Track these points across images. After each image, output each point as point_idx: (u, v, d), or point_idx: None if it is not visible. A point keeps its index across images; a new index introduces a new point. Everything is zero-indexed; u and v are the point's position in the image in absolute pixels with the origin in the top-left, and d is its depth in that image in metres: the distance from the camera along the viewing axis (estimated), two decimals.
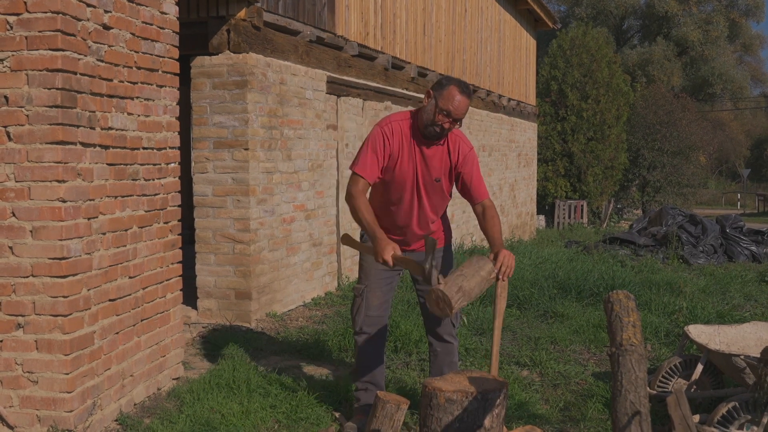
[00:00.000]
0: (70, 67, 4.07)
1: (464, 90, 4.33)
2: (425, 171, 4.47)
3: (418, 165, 4.45)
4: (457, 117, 4.31)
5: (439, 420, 3.50)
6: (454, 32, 13.09)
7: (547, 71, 23.06)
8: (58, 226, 4.06)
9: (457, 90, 4.30)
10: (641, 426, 2.70)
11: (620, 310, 3.11)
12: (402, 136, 4.44)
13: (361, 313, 4.63)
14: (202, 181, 7.08)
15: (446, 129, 4.34)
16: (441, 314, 3.87)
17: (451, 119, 4.31)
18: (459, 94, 4.29)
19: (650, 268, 10.88)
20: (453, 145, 4.49)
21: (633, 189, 27.71)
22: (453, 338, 4.77)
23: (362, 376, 4.70)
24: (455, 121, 4.34)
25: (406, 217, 4.57)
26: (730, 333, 5.02)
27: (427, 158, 4.46)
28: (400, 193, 4.52)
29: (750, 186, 50.36)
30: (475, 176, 4.52)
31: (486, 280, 3.97)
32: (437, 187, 4.52)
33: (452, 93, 4.28)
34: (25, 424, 4.18)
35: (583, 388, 5.44)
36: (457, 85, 4.32)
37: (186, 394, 4.99)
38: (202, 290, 7.15)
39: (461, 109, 4.30)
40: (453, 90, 4.29)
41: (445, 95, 4.29)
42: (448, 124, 4.32)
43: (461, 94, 4.30)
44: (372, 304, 4.62)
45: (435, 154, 4.46)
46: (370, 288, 4.62)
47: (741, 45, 46.51)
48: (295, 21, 7.76)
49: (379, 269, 4.59)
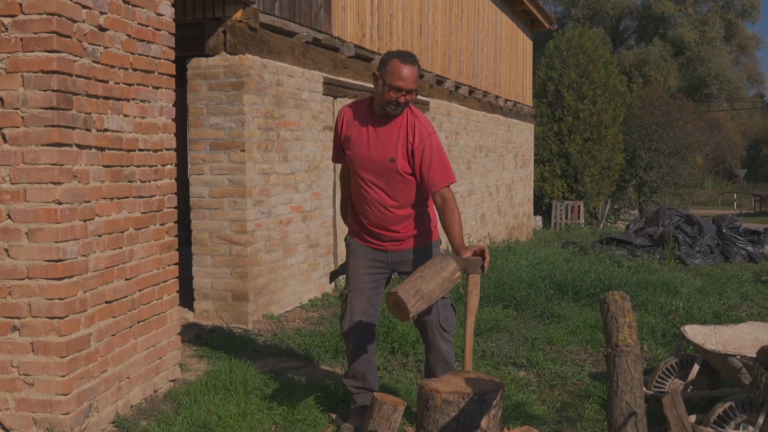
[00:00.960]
0: (65, 69, 4.07)
1: (406, 59, 4.24)
2: (378, 150, 4.35)
3: (371, 144, 4.37)
4: (408, 88, 4.21)
5: (435, 421, 3.50)
6: (451, 33, 13.09)
7: (543, 72, 23.08)
8: (54, 228, 4.05)
9: (400, 62, 4.22)
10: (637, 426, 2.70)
11: (616, 311, 3.11)
12: (352, 117, 4.45)
13: (346, 318, 4.58)
14: (199, 182, 7.08)
15: (402, 104, 4.25)
16: (400, 318, 3.81)
17: (405, 92, 4.21)
18: (403, 65, 4.20)
19: (647, 268, 10.89)
20: (410, 127, 4.35)
21: (630, 189, 27.73)
22: (445, 342, 4.59)
23: (354, 380, 4.68)
24: (409, 93, 4.23)
25: (369, 206, 4.46)
26: (727, 333, 5.03)
27: (380, 136, 4.36)
28: (357, 177, 4.46)
29: (746, 186, 50.40)
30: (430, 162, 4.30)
31: (449, 280, 3.88)
32: (393, 168, 4.33)
33: (395, 66, 4.21)
34: (22, 427, 4.17)
35: (580, 389, 5.44)
36: (398, 57, 4.24)
37: (183, 396, 4.98)
38: (198, 292, 7.14)
39: (410, 79, 4.21)
40: (396, 63, 4.21)
41: (390, 71, 4.22)
42: (403, 98, 4.23)
43: (405, 64, 4.21)
44: (355, 309, 4.56)
45: (390, 133, 4.34)
46: (353, 293, 4.57)
47: (737, 45, 46.59)
48: (291, 22, 7.76)
49: (361, 273, 4.55)
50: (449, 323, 4.58)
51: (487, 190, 15.05)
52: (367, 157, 4.38)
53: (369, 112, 4.41)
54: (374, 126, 4.38)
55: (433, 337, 4.58)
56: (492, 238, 15.27)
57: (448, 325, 4.58)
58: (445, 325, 4.56)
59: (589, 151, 22.25)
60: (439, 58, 12.53)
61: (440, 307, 4.49)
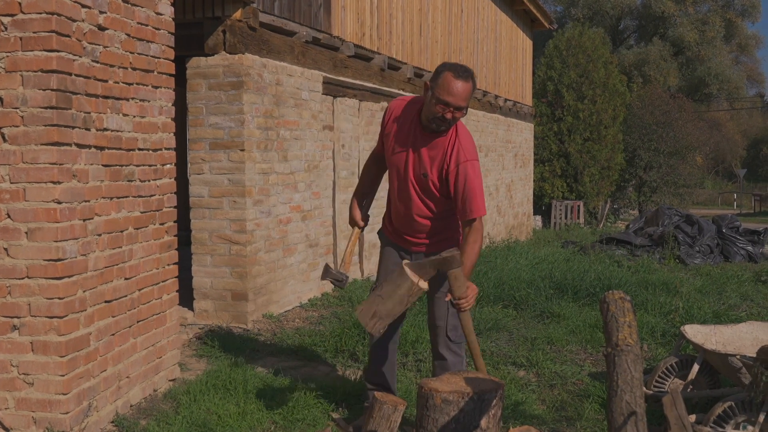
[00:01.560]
0: (64, 68, 4.06)
1: (460, 74, 3.97)
2: (416, 160, 4.21)
3: (410, 152, 4.22)
4: (457, 105, 3.97)
5: (435, 421, 3.50)
6: (451, 33, 13.09)
7: (543, 72, 23.08)
8: (54, 227, 4.05)
9: (452, 75, 3.96)
10: (637, 426, 2.70)
11: (616, 311, 3.11)
12: (403, 117, 4.27)
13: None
14: (199, 182, 7.07)
15: (449, 120, 4.02)
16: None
17: (452, 108, 3.98)
18: (455, 80, 3.95)
19: (647, 268, 10.88)
20: (451, 147, 4.13)
21: (629, 189, 27.74)
22: (450, 352, 4.44)
23: (372, 377, 4.65)
24: (458, 110, 3.99)
25: (399, 207, 4.41)
26: (726, 333, 5.03)
27: (420, 147, 4.19)
28: (393, 177, 4.39)
29: (746, 186, 50.42)
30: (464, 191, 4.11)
31: (406, 296, 3.86)
32: (425, 183, 4.22)
33: (447, 80, 3.95)
34: (21, 426, 4.17)
35: (580, 389, 5.44)
36: (451, 71, 3.98)
37: (182, 395, 4.98)
38: (198, 291, 7.14)
39: (461, 96, 3.96)
40: (448, 77, 3.96)
41: (441, 84, 3.97)
42: (450, 114, 3.99)
43: (458, 79, 3.95)
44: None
45: (432, 147, 4.16)
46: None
47: (737, 45, 46.59)
48: (291, 22, 7.75)
49: (390, 270, 4.44)
50: (458, 334, 4.39)
51: (486, 190, 15.05)
52: (404, 164, 4.26)
53: (418, 118, 4.21)
54: (418, 136, 4.20)
55: (438, 346, 4.48)
56: (492, 237, 15.27)
57: (456, 335, 4.41)
58: (452, 334, 4.41)
59: (588, 150, 22.25)
60: (439, 58, 12.53)
61: (450, 316, 4.36)
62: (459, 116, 4.04)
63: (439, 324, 4.43)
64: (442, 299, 4.36)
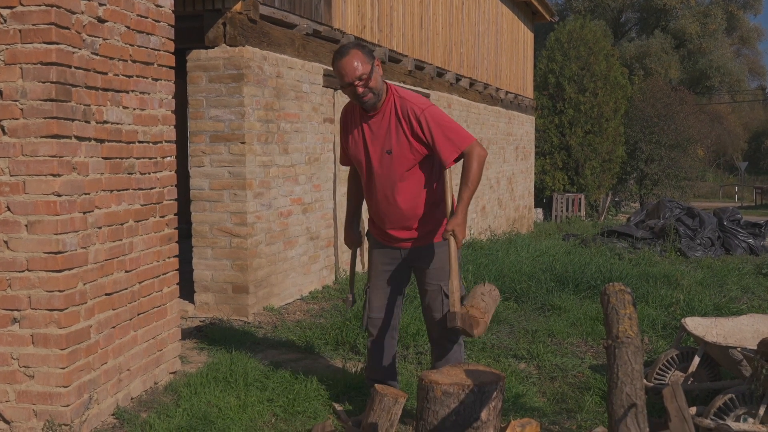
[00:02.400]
0: (64, 61, 4.05)
1: (338, 55, 4.18)
2: (374, 144, 4.30)
3: (366, 140, 4.32)
4: (355, 77, 4.12)
5: (435, 413, 3.50)
6: (451, 25, 13.06)
7: (544, 64, 23.04)
8: (54, 220, 4.04)
9: (334, 60, 4.20)
10: (637, 418, 2.70)
11: (617, 303, 3.10)
12: (350, 115, 4.44)
13: (365, 314, 4.57)
14: (199, 174, 7.07)
15: (362, 92, 4.15)
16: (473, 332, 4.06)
17: (354, 83, 4.13)
18: (336, 63, 4.17)
19: (648, 260, 10.88)
20: (402, 111, 4.23)
21: (631, 182, 27.73)
22: (448, 341, 4.48)
23: (372, 374, 4.67)
24: (360, 80, 4.12)
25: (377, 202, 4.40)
26: (727, 325, 5.02)
27: (373, 129, 4.30)
28: (362, 176, 4.45)
29: (747, 179, 50.40)
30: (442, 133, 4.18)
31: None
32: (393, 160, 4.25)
33: (334, 69, 4.21)
34: (22, 419, 4.17)
35: (580, 381, 5.44)
36: (333, 58, 4.22)
37: (183, 388, 4.98)
38: (199, 284, 7.14)
39: (347, 71, 4.13)
40: (334, 66, 4.21)
41: (335, 73, 4.24)
42: (360, 89, 4.14)
43: (338, 61, 4.17)
44: (374, 305, 4.55)
45: (381, 121, 4.27)
46: (371, 288, 4.57)
47: (739, 38, 46.54)
48: (291, 14, 7.74)
49: (380, 270, 4.53)
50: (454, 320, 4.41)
51: (487, 182, 15.03)
52: (365, 153, 4.35)
53: (360, 109, 4.36)
54: (366, 121, 4.33)
55: (440, 337, 4.50)
56: (493, 230, 15.26)
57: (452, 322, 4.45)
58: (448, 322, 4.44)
59: (590, 143, 22.24)
60: (440, 51, 12.51)
61: (445, 307, 4.41)
62: (371, 85, 4.16)
63: (435, 315, 4.47)
64: (435, 291, 4.43)
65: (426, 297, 4.50)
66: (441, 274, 4.38)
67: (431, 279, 4.43)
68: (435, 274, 4.41)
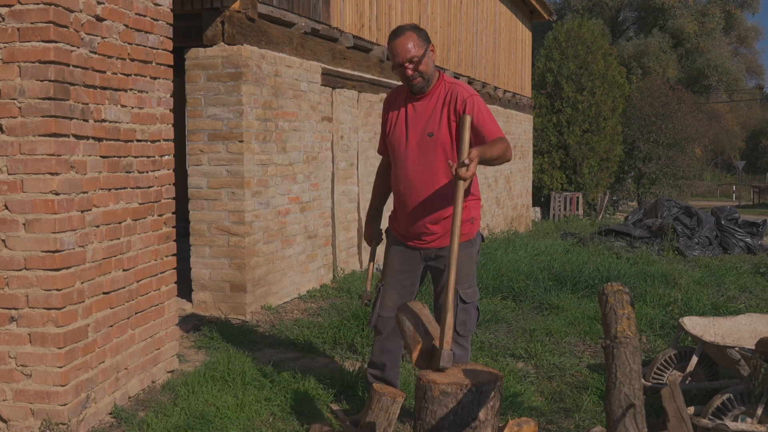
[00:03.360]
0: (62, 59, 4.05)
1: (393, 35, 4.21)
2: (416, 126, 4.26)
3: (409, 122, 4.29)
4: (406, 59, 4.14)
5: (433, 413, 3.49)
6: (450, 24, 13.06)
7: (542, 63, 23.04)
8: (52, 218, 4.04)
9: (389, 41, 4.22)
10: (635, 418, 2.70)
11: (615, 303, 3.10)
12: (395, 99, 4.42)
13: (375, 312, 4.49)
14: (197, 173, 7.06)
15: (412, 75, 4.16)
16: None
17: (406, 63, 4.15)
18: (391, 42, 4.20)
19: (645, 259, 10.89)
20: (450, 94, 4.22)
21: (629, 181, 27.74)
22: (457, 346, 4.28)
23: (374, 369, 4.61)
24: (411, 62, 4.14)
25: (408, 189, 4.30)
26: (725, 325, 5.03)
27: (417, 112, 4.28)
28: (397, 157, 4.35)
29: (745, 178, 50.44)
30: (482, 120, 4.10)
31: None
32: (433, 144, 4.20)
33: (389, 48, 4.23)
34: (19, 418, 4.17)
35: (578, 380, 5.45)
36: (389, 38, 4.25)
37: (181, 386, 4.98)
38: (197, 283, 7.14)
39: (401, 51, 4.15)
40: (388, 46, 4.23)
41: (389, 53, 4.25)
42: (410, 70, 4.15)
43: (392, 41, 4.19)
44: (386, 303, 4.44)
45: (427, 106, 4.26)
46: (385, 287, 4.48)
47: (736, 37, 46.56)
48: (289, 12, 7.73)
49: (395, 269, 4.45)
50: (466, 329, 4.38)
51: (485, 181, 15.03)
52: (405, 134, 4.30)
53: (407, 92, 4.35)
54: (412, 103, 4.31)
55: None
56: (491, 229, 15.26)
57: (465, 330, 4.38)
58: (460, 329, 4.34)
59: (588, 142, 22.24)
60: (438, 49, 12.50)
61: (459, 312, 4.29)
62: (419, 67, 4.16)
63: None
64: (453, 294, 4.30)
65: (441, 299, 4.36)
66: (459, 277, 4.22)
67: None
68: None
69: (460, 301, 4.28)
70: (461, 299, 4.29)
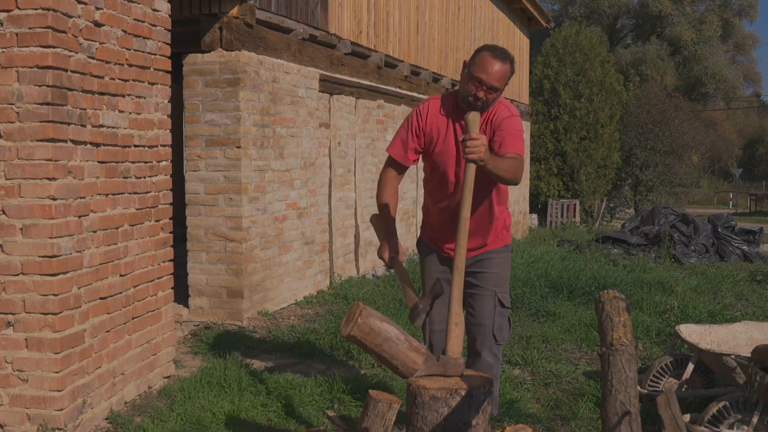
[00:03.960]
0: (60, 65, 4.06)
1: (498, 55, 3.89)
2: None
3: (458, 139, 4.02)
4: (491, 85, 3.88)
5: (424, 418, 3.49)
6: (448, 31, 13.08)
7: (540, 70, 23.06)
8: (49, 223, 4.04)
9: (490, 55, 3.89)
10: (631, 426, 2.70)
11: (611, 310, 3.11)
12: (438, 114, 4.12)
13: (427, 328, 4.33)
14: (194, 179, 7.07)
15: (481, 99, 3.91)
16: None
17: (485, 87, 3.89)
18: (492, 59, 3.88)
19: (642, 267, 10.89)
20: (493, 114, 4.01)
21: (626, 188, 27.74)
22: (491, 354, 4.23)
23: None
24: (491, 90, 3.91)
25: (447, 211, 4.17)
26: (721, 332, 5.03)
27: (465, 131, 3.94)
28: (439, 177, 4.15)
29: (742, 185, 50.48)
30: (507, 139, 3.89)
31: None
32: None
33: (484, 58, 3.89)
34: (15, 423, 4.16)
35: (575, 387, 5.45)
36: (490, 50, 3.91)
37: (177, 392, 4.98)
38: (193, 288, 7.13)
39: (495, 75, 3.88)
40: (485, 55, 3.90)
41: (477, 62, 3.90)
42: (483, 93, 3.90)
43: (495, 59, 3.88)
44: (434, 317, 4.25)
45: None
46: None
47: (734, 45, 46.63)
48: (287, 19, 7.74)
49: (434, 278, 4.25)
50: (503, 335, 4.25)
51: None
52: (455, 153, 4.05)
53: (456, 106, 4.10)
54: (460, 122, 4.04)
55: (482, 346, 4.24)
56: None
57: (501, 337, 4.25)
58: (498, 335, 4.23)
59: (585, 149, 22.26)
60: (436, 56, 12.52)
61: (497, 315, 4.20)
62: (492, 98, 3.95)
63: (484, 323, 4.23)
64: (488, 296, 4.21)
65: (475, 300, 4.25)
66: (497, 280, 4.20)
67: (486, 283, 4.21)
68: (490, 279, 4.20)
69: (499, 304, 4.18)
70: (500, 302, 4.18)
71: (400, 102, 10.86)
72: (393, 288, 8.51)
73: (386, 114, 10.49)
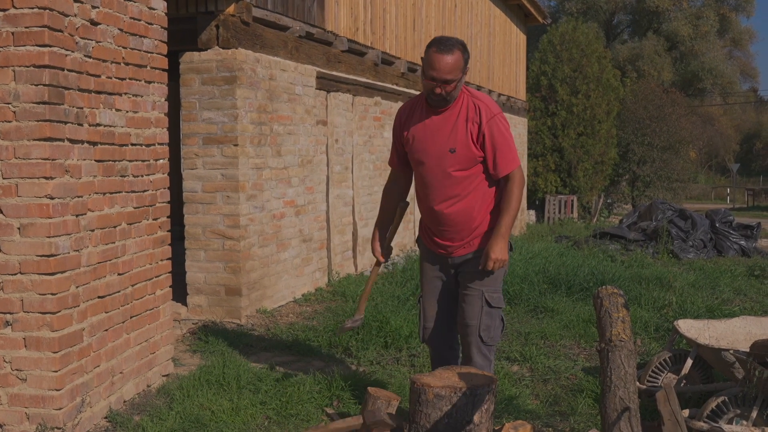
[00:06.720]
0: (57, 63, 4.05)
1: (442, 48, 3.93)
2: (437, 141, 4.08)
3: (430, 135, 4.10)
4: (442, 79, 3.93)
5: (428, 416, 3.50)
6: (444, 27, 13.08)
7: (537, 66, 23.06)
8: (46, 223, 4.04)
9: (435, 50, 3.93)
10: (630, 421, 2.71)
11: (610, 306, 3.11)
12: (411, 115, 4.21)
13: (421, 324, 4.44)
14: (192, 177, 7.06)
15: (438, 95, 3.98)
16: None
17: (439, 83, 3.94)
18: (437, 55, 3.92)
19: (640, 262, 10.90)
20: (473, 111, 4.04)
21: (623, 184, 27.73)
22: (480, 355, 4.25)
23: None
24: (445, 83, 3.95)
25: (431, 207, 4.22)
26: (720, 328, 5.04)
27: (438, 126, 4.09)
28: (418, 174, 4.24)
29: (739, 181, 50.54)
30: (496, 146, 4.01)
31: None
32: (453, 160, 4.06)
33: (430, 56, 3.94)
34: (14, 422, 4.16)
35: (573, 383, 5.45)
36: (435, 46, 3.95)
37: (176, 390, 4.98)
38: (192, 287, 7.13)
39: (444, 70, 3.91)
40: (430, 52, 3.94)
41: (426, 60, 3.96)
42: (440, 89, 3.95)
43: (440, 54, 3.92)
44: (428, 314, 4.38)
45: (448, 122, 4.06)
46: (425, 297, 4.44)
47: (731, 40, 46.62)
48: (284, 16, 7.74)
49: (430, 276, 4.38)
50: (490, 336, 4.25)
51: None
52: (426, 149, 4.14)
53: (425, 104, 4.16)
54: (431, 116, 4.12)
55: (469, 347, 4.27)
56: None
57: (489, 337, 4.24)
58: (484, 335, 4.23)
59: (582, 145, 22.26)
60: None
61: (484, 315, 4.21)
62: (449, 89, 3.99)
63: (471, 323, 4.24)
64: (475, 296, 4.22)
65: (463, 301, 4.29)
66: (485, 280, 4.21)
67: (473, 283, 4.23)
68: (479, 278, 4.22)
69: (486, 304, 4.20)
70: (487, 302, 4.21)
71: (397, 99, 10.86)
72: (391, 285, 8.51)
73: (383, 111, 10.49)
